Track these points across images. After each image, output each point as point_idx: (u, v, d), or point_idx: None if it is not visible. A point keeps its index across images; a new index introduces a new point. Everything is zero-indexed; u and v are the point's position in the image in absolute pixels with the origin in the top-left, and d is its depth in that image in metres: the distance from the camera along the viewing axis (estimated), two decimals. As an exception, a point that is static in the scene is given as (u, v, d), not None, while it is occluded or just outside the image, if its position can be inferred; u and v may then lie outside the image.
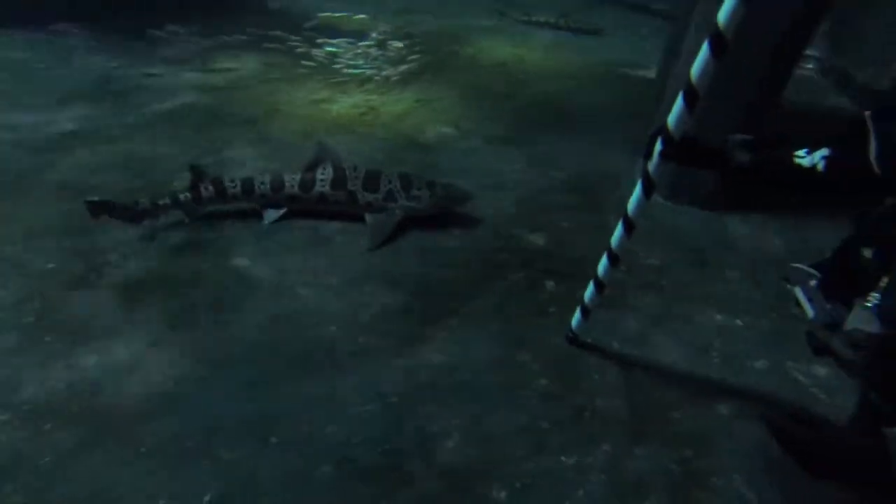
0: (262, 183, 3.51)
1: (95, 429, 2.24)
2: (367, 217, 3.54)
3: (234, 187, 3.50)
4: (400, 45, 6.29)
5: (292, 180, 3.53)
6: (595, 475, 2.19)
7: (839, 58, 5.77)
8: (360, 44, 6.18)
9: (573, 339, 2.76)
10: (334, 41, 6.11)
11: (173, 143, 4.40)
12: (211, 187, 3.47)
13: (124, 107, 4.96)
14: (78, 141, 4.34)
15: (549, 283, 3.17)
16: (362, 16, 6.66)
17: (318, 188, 3.51)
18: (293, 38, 5.99)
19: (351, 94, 5.49)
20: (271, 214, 3.55)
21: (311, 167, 3.59)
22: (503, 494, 2.10)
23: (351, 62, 5.86)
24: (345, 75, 5.69)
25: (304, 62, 5.75)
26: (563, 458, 2.25)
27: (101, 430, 2.24)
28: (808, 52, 5.77)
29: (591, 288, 2.54)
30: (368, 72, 5.81)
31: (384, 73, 5.84)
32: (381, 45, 6.15)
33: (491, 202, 3.87)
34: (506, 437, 2.32)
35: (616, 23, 8.79)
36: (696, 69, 1.89)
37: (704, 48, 1.85)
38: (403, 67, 5.98)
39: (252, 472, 2.12)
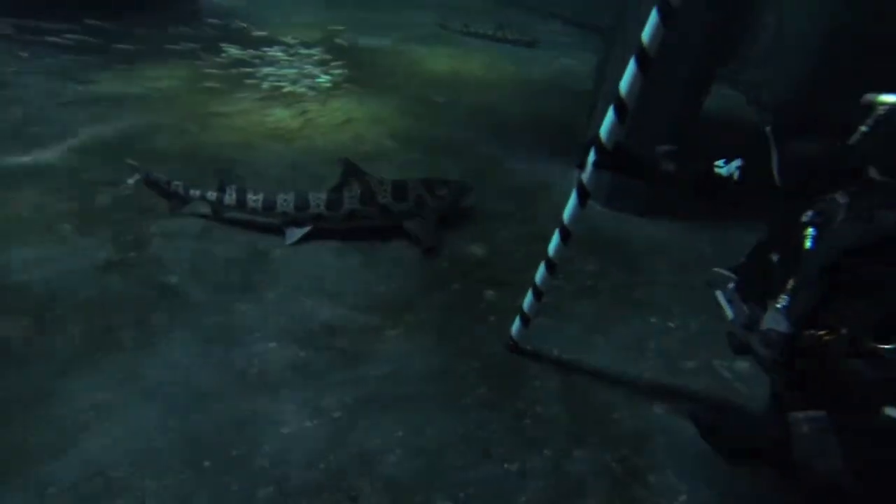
0: (286, 200, 3.43)
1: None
2: (406, 224, 3.54)
3: (256, 202, 3.43)
4: (334, 56, 6.22)
5: (318, 199, 3.46)
6: (537, 480, 2.22)
7: (748, 75, 6.26)
8: (290, 54, 6.05)
9: (514, 347, 2.80)
10: (270, 51, 5.97)
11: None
12: (234, 195, 3.43)
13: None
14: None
15: (489, 293, 3.21)
16: (281, 28, 6.53)
17: (347, 206, 3.46)
18: (221, 46, 5.77)
19: (287, 106, 5.36)
20: (293, 234, 3.45)
21: (338, 186, 3.52)
22: (448, 505, 2.09)
23: (281, 72, 5.73)
24: (280, 87, 5.54)
25: (226, 72, 5.54)
26: (505, 464, 2.27)
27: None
28: (727, 70, 6.18)
29: (529, 296, 2.58)
30: (303, 84, 5.70)
31: (320, 84, 5.75)
32: (298, 53, 6.01)
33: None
34: (448, 448, 2.31)
35: (551, 36, 9.06)
36: (624, 83, 1.98)
37: (631, 64, 1.94)
38: (340, 78, 5.91)
39: (185, 501, 2.01)
